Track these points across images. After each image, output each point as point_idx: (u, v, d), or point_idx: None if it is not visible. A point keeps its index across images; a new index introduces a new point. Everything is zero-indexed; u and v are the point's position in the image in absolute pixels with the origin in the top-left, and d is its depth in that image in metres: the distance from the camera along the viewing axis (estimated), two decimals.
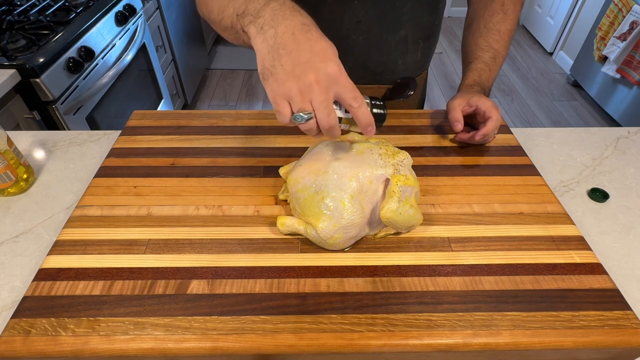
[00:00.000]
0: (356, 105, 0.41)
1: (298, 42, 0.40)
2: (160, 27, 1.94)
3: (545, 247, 0.52)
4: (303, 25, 0.41)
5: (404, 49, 0.75)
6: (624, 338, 0.42)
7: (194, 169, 0.64)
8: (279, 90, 0.40)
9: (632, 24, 2.04)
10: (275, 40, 0.40)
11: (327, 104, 0.40)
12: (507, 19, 0.73)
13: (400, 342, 0.42)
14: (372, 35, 0.72)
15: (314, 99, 0.40)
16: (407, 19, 0.71)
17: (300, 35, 0.40)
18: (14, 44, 1.09)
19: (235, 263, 0.49)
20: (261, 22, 0.41)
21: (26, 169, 0.63)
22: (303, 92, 0.40)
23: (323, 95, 0.40)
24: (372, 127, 0.43)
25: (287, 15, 0.41)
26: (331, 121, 0.41)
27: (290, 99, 0.40)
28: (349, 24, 0.70)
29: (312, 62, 0.39)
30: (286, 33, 0.40)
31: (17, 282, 0.50)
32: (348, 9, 0.69)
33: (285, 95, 0.40)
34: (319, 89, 0.39)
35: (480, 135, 0.65)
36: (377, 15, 0.69)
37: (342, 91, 0.41)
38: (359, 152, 0.52)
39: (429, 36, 0.77)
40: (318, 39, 0.41)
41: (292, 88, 0.40)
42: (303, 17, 0.42)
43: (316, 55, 0.39)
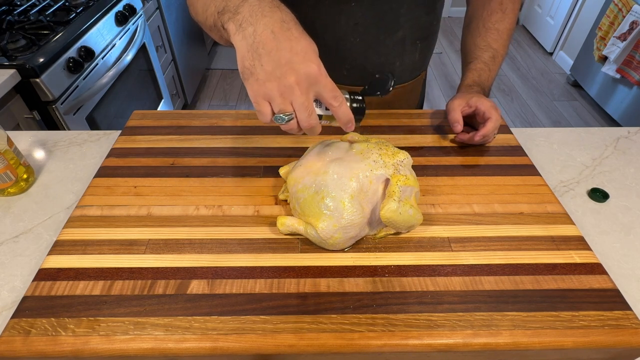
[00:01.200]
0: (336, 104, 0.42)
1: (278, 41, 0.39)
2: (160, 27, 1.94)
3: (545, 247, 0.52)
4: (283, 22, 0.40)
5: (401, 50, 0.75)
6: (624, 338, 0.42)
7: (194, 169, 0.64)
8: (259, 91, 0.40)
9: (632, 24, 2.04)
10: (254, 38, 0.39)
11: (308, 105, 0.41)
12: (505, 17, 0.72)
13: (400, 342, 0.42)
14: (370, 37, 0.71)
15: (294, 100, 0.40)
16: (405, 20, 0.70)
17: (280, 34, 0.39)
18: (14, 44, 1.09)
19: (235, 263, 0.49)
20: (240, 19, 0.41)
21: (26, 169, 0.63)
22: (284, 94, 0.40)
23: (304, 97, 0.40)
24: (352, 123, 0.44)
25: (266, 12, 0.40)
26: (312, 121, 0.41)
27: (271, 99, 0.40)
28: (346, 26, 0.70)
29: (293, 63, 0.39)
30: (265, 31, 0.39)
31: (17, 282, 0.50)
32: (345, 11, 0.69)
33: (266, 95, 0.40)
34: (299, 90, 0.39)
35: (479, 136, 0.65)
36: (374, 17, 0.69)
37: (323, 91, 0.41)
38: (359, 152, 0.52)
39: (427, 37, 0.76)
40: (298, 38, 0.40)
41: (272, 89, 0.39)
42: (283, 13, 0.41)
43: (296, 55, 0.39)
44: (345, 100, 0.43)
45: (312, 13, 0.71)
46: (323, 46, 0.74)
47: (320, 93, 0.41)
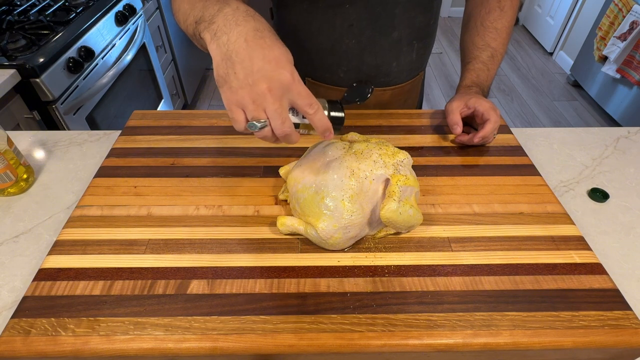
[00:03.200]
0: (312, 111, 0.41)
1: (250, 49, 0.39)
2: (160, 27, 1.94)
3: (545, 247, 0.52)
4: (256, 31, 0.40)
5: (397, 51, 0.74)
6: (624, 338, 0.42)
7: (194, 169, 0.64)
8: (232, 99, 0.40)
9: (632, 24, 2.04)
10: (228, 47, 0.40)
11: (281, 112, 0.40)
12: (504, 15, 0.72)
13: (400, 342, 0.42)
14: (365, 38, 0.71)
15: (267, 108, 0.40)
16: (400, 20, 0.70)
17: (252, 42, 0.39)
18: (14, 44, 1.09)
19: (235, 263, 0.49)
20: (214, 28, 0.41)
21: (26, 169, 0.63)
22: (256, 101, 0.40)
23: (277, 104, 0.40)
24: (330, 131, 0.43)
25: (240, 21, 0.40)
26: (286, 129, 0.41)
27: (244, 107, 0.40)
28: (341, 28, 0.70)
29: (265, 71, 0.39)
30: (239, 40, 0.40)
31: (17, 282, 0.50)
32: (339, 13, 0.68)
33: (239, 103, 0.40)
34: (271, 98, 0.39)
35: (478, 138, 0.65)
36: (369, 18, 0.69)
37: (297, 98, 0.40)
38: (359, 152, 0.52)
39: (424, 37, 0.76)
40: (271, 46, 0.40)
41: (245, 97, 0.40)
42: (257, 22, 0.41)
43: (268, 63, 0.39)
44: (321, 108, 0.42)
45: (307, 16, 0.71)
46: (318, 48, 0.75)
47: (294, 101, 0.41)
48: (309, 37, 0.73)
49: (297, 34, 0.75)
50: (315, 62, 0.77)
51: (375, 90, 0.79)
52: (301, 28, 0.73)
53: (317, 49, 0.74)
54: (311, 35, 0.73)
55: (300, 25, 0.73)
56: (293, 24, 0.74)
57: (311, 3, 0.69)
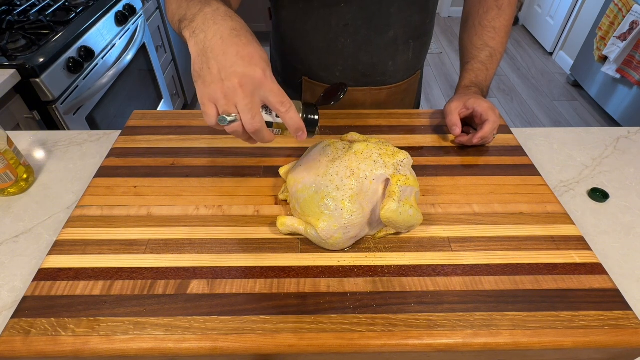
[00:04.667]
0: (283, 109, 0.41)
1: (226, 46, 0.40)
2: (160, 27, 1.94)
3: (545, 247, 0.52)
4: (232, 30, 0.41)
5: (393, 50, 0.74)
6: (624, 338, 0.42)
7: (194, 169, 0.64)
8: (205, 93, 0.41)
9: (632, 24, 2.04)
10: (204, 44, 0.41)
11: (252, 107, 0.41)
12: (502, 14, 0.72)
13: (400, 342, 0.42)
14: (360, 37, 0.71)
15: (238, 103, 0.40)
16: (395, 19, 0.70)
17: (228, 40, 0.40)
18: (14, 44, 1.09)
19: (235, 263, 0.49)
20: (194, 27, 0.43)
21: (26, 169, 0.63)
22: (227, 96, 0.40)
23: (247, 99, 0.40)
24: (303, 131, 0.43)
25: (218, 20, 0.42)
26: (256, 124, 0.41)
27: (216, 101, 0.41)
28: (337, 27, 0.70)
29: (237, 67, 0.40)
30: (215, 37, 0.41)
31: (17, 282, 0.50)
32: (335, 12, 0.69)
33: (211, 97, 0.41)
34: (242, 93, 0.40)
35: (477, 138, 0.65)
36: (364, 18, 0.69)
37: (269, 95, 0.41)
38: (359, 152, 0.52)
39: (420, 36, 0.76)
40: (246, 44, 0.41)
41: (217, 91, 0.40)
42: (234, 22, 0.42)
43: (242, 59, 0.40)
44: (293, 106, 0.42)
45: (302, 15, 0.72)
46: (315, 47, 0.75)
47: (266, 97, 0.41)
48: (305, 37, 0.74)
49: (293, 33, 0.75)
50: (312, 61, 0.77)
51: (372, 89, 0.79)
52: (297, 27, 0.74)
53: (314, 48, 0.75)
54: (307, 35, 0.74)
55: (297, 25, 0.74)
56: (290, 23, 0.75)
57: (306, 2, 0.69)
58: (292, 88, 0.85)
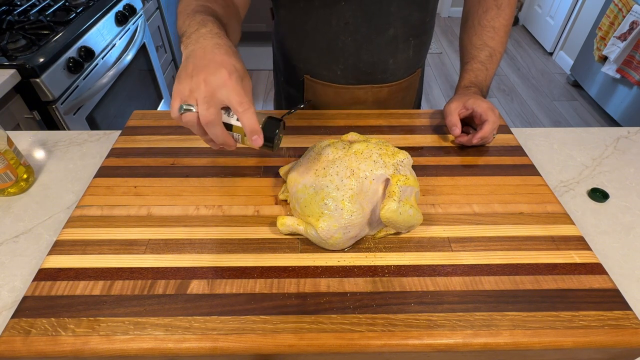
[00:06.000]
0: (241, 109, 0.43)
1: (205, 53, 0.45)
2: (160, 27, 1.94)
3: (545, 247, 0.52)
4: (215, 44, 0.46)
5: (394, 48, 0.75)
6: (624, 338, 0.42)
7: (194, 169, 0.64)
8: (176, 89, 0.45)
9: (632, 24, 2.04)
10: (190, 52, 0.46)
11: (209, 100, 0.43)
12: (501, 14, 0.72)
13: (400, 342, 0.42)
14: (361, 36, 0.72)
15: (199, 95, 0.43)
16: (395, 18, 0.71)
17: (209, 50, 0.45)
18: (14, 44, 1.09)
19: (235, 263, 0.49)
20: (188, 42, 0.48)
21: (26, 169, 0.63)
22: (192, 90, 0.43)
23: (208, 93, 0.43)
24: (258, 135, 0.44)
25: (207, 37, 0.47)
26: (209, 116, 0.43)
27: (182, 95, 0.44)
28: (337, 26, 0.71)
29: (207, 67, 0.43)
30: (200, 48, 0.46)
31: (17, 282, 0.50)
32: (335, 11, 0.69)
33: (180, 92, 0.44)
34: (205, 87, 0.43)
35: (477, 139, 0.65)
36: (364, 16, 0.70)
37: (230, 94, 0.43)
38: (359, 152, 0.52)
39: (420, 34, 0.77)
40: (223, 54, 0.45)
41: (185, 86, 0.44)
42: (221, 39, 0.47)
43: (213, 62, 0.44)
44: (253, 108, 0.43)
45: (303, 15, 0.73)
46: (315, 46, 0.76)
47: (227, 96, 0.43)
48: (306, 36, 0.75)
49: (294, 32, 0.76)
50: (313, 60, 0.78)
51: (373, 87, 0.80)
52: (298, 26, 0.75)
53: (314, 47, 0.76)
54: (308, 34, 0.74)
55: (298, 24, 0.74)
56: (290, 23, 0.75)
57: (307, 2, 0.70)
58: (294, 87, 0.85)
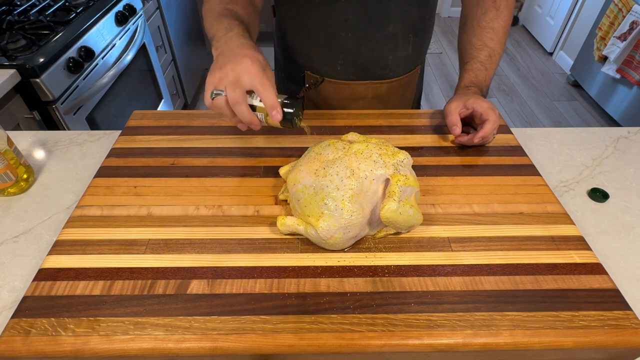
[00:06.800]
0: (262, 89, 0.50)
1: (232, 51, 0.53)
2: (160, 27, 1.94)
3: (545, 247, 0.52)
4: (241, 44, 0.55)
5: (393, 45, 0.75)
6: (624, 338, 0.42)
7: (194, 169, 0.64)
8: (209, 80, 0.53)
9: (632, 24, 2.04)
10: (220, 52, 0.55)
11: (235, 84, 0.50)
12: (500, 15, 0.72)
13: (400, 342, 0.42)
14: (361, 32, 0.73)
15: (227, 81, 0.51)
16: (395, 14, 0.71)
17: (235, 47, 0.54)
18: (14, 44, 1.09)
19: (235, 263, 0.49)
20: (217, 45, 0.57)
21: (26, 169, 0.63)
22: (222, 78, 0.51)
23: (234, 78, 0.50)
24: (277, 111, 0.51)
25: (234, 39, 0.56)
26: (236, 97, 0.50)
27: (214, 84, 0.52)
28: (337, 22, 0.72)
29: (234, 59, 0.52)
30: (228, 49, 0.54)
31: (17, 282, 0.50)
32: (335, 8, 0.70)
33: (211, 82, 0.52)
34: (231, 74, 0.51)
35: (478, 138, 0.65)
36: (364, 13, 0.70)
37: (252, 78, 0.50)
38: (359, 152, 0.52)
39: (420, 31, 0.77)
40: (247, 49, 0.53)
41: (216, 76, 0.52)
42: (246, 40, 0.56)
43: (238, 55, 0.52)
44: (273, 88, 0.51)
45: (304, 12, 0.74)
46: (316, 43, 0.77)
47: (251, 80, 0.50)
48: (307, 32, 0.76)
49: (296, 29, 0.77)
50: (314, 56, 0.78)
51: (373, 83, 0.81)
52: (299, 23, 0.76)
53: (315, 43, 0.76)
54: (309, 30, 0.75)
55: (299, 21, 0.75)
56: (291, 19, 0.76)
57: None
58: (295, 83, 0.86)
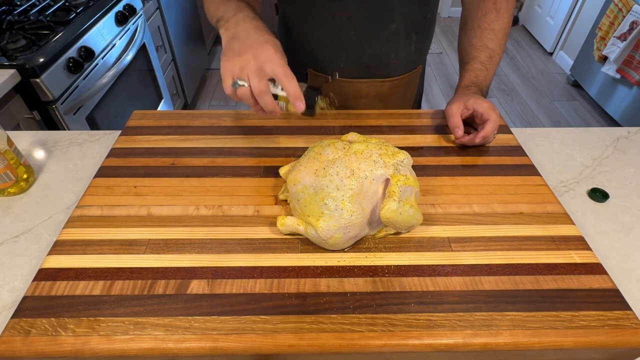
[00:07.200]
0: (286, 80, 0.50)
1: (248, 34, 0.52)
2: (160, 27, 1.94)
3: (545, 247, 0.52)
4: (256, 27, 0.54)
5: (395, 43, 0.76)
6: (624, 338, 0.42)
7: (194, 169, 0.64)
8: (226, 67, 0.51)
9: (632, 24, 2.03)
10: (233, 34, 0.54)
11: (259, 73, 0.50)
12: (500, 17, 0.73)
13: (400, 342, 0.42)
14: (363, 30, 0.73)
15: (250, 70, 0.50)
16: (397, 13, 0.72)
17: (251, 31, 0.53)
18: (14, 44, 1.09)
19: (235, 263, 0.49)
20: (228, 25, 0.56)
21: (26, 169, 0.63)
22: (243, 67, 0.51)
23: (257, 66, 0.50)
24: (301, 101, 0.51)
25: (247, 21, 0.55)
26: (261, 87, 0.50)
27: (233, 71, 0.51)
28: (340, 20, 0.72)
29: (254, 46, 0.51)
30: (242, 30, 0.53)
31: (17, 282, 0.50)
32: (339, 6, 0.70)
33: (230, 70, 0.51)
34: (254, 63, 0.50)
35: (479, 138, 0.65)
36: (367, 10, 0.71)
37: (275, 67, 0.50)
38: (359, 152, 0.52)
39: (421, 30, 0.77)
40: (263, 34, 0.53)
41: (235, 64, 0.51)
42: (258, 22, 0.55)
43: (258, 42, 0.51)
44: (295, 78, 0.50)
45: (307, 9, 0.74)
46: (319, 40, 0.77)
47: (273, 70, 0.50)
48: (310, 30, 0.76)
49: (299, 26, 0.77)
50: (316, 54, 0.79)
51: (374, 81, 0.81)
52: (302, 21, 0.76)
53: (318, 41, 0.77)
54: (312, 28, 0.75)
55: (302, 18, 0.76)
56: (295, 17, 0.77)
57: None
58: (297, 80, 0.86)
